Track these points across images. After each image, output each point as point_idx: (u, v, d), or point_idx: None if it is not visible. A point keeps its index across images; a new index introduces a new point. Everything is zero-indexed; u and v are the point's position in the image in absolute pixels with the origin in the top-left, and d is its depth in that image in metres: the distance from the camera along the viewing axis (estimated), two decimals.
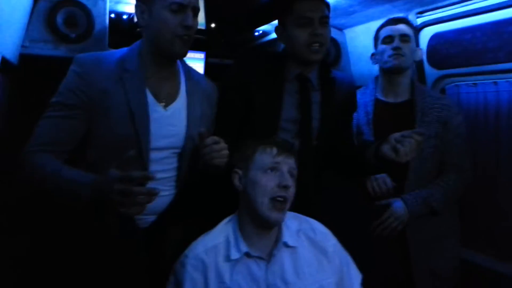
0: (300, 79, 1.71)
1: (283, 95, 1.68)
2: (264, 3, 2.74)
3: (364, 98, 2.08)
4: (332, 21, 2.96)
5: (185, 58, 1.56)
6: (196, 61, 3.75)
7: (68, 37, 2.58)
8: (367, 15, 2.57)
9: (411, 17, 2.53)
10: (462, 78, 2.50)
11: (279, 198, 1.30)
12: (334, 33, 3.04)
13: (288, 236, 1.37)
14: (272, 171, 1.33)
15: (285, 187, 1.30)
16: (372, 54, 2.10)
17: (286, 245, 1.36)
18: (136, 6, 1.44)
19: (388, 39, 1.95)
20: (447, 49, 2.45)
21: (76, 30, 2.59)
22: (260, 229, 1.35)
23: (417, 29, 2.54)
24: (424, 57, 2.58)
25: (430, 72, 2.61)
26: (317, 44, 1.61)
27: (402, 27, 1.97)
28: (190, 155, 1.50)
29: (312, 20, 1.60)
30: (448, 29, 2.42)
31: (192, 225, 1.55)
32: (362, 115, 2.03)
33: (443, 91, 2.61)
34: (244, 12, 3.06)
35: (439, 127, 1.92)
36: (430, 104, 1.94)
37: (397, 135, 1.54)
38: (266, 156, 1.34)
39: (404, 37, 1.95)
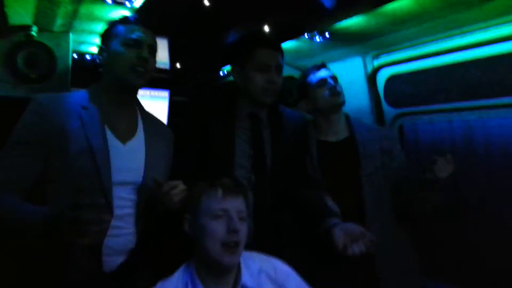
0: (252, 117, 1.80)
1: (236, 132, 1.76)
2: (228, 45, 2.82)
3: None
4: (295, 62, 3.11)
5: (150, 96, 1.59)
6: (160, 99, 3.75)
7: (29, 78, 2.54)
8: (327, 57, 2.69)
9: (368, 59, 2.67)
10: (419, 116, 2.63)
11: (231, 244, 1.28)
12: (296, 73, 3.15)
13: (248, 277, 1.34)
14: (219, 218, 1.30)
15: (235, 232, 1.28)
16: (301, 104, 2.12)
17: (245, 287, 1.33)
18: (99, 47, 1.52)
19: (321, 82, 1.99)
20: (403, 89, 2.58)
21: (37, 70, 2.55)
22: (216, 273, 1.32)
23: (374, 71, 2.69)
24: (382, 97, 2.72)
25: (388, 110, 2.74)
26: (272, 89, 1.73)
27: (326, 70, 2.04)
28: (148, 191, 1.49)
29: (269, 67, 1.72)
30: (403, 70, 2.56)
31: (161, 269, 1.50)
32: (306, 158, 2.03)
33: (401, 128, 2.73)
34: (208, 53, 3.12)
35: (383, 157, 1.95)
36: (370, 138, 1.98)
37: (357, 231, 1.59)
38: (212, 201, 1.32)
39: (332, 77, 2.01)
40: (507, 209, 2.14)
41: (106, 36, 1.51)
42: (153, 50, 1.52)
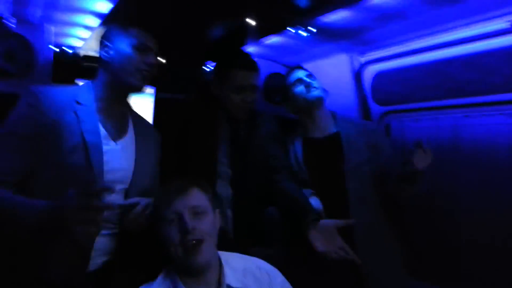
0: (230, 121, 1.93)
1: (219, 133, 1.90)
2: (213, 41, 2.78)
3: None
4: (281, 59, 3.08)
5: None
6: (146, 96, 3.70)
7: (8, 72, 2.47)
8: (313, 54, 2.66)
9: (354, 56, 2.64)
10: (405, 114, 2.61)
11: (189, 244, 1.25)
12: (282, 70, 3.12)
13: (232, 277, 1.32)
14: (172, 222, 1.28)
15: (188, 232, 1.26)
16: (285, 107, 2.19)
17: (229, 287, 1.31)
18: (103, 45, 1.53)
19: (297, 81, 2.07)
20: (390, 87, 2.56)
21: (16, 64, 2.49)
22: (193, 275, 1.30)
23: (361, 68, 2.66)
24: (369, 94, 2.69)
25: (375, 108, 2.71)
26: (246, 107, 1.88)
27: (301, 70, 2.12)
28: (135, 193, 1.49)
29: (244, 88, 1.84)
30: (390, 68, 2.54)
31: (143, 270, 1.48)
32: (291, 155, 2.07)
33: (388, 126, 2.71)
34: (194, 48, 3.09)
35: (370, 151, 1.97)
36: (355, 133, 2.00)
37: (331, 227, 1.69)
38: (163, 207, 1.31)
39: (310, 77, 2.07)
40: (494, 208, 2.13)
41: (113, 36, 1.52)
42: (157, 56, 1.58)
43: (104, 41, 1.54)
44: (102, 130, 1.46)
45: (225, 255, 1.37)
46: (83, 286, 1.40)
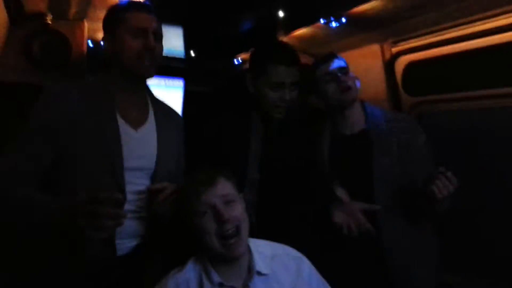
0: (264, 122, 1.80)
1: (251, 134, 1.78)
2: (243, 33, 2.79)
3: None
4: (310, 49, 3.06)
5: (165, 86, 1.58)
6: (175, 88, 3.74)
7: (45, 65, 2.56)
8: (343, 45, 2.64)
9: (385, 46, 2.61)
10: (437, 105, 2.56)
11: (227, 234, 1.25)
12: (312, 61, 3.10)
13: (260, 263, 1.33)
14: (208, 213, 1.29)
15: (225, 222, 1.26)
16: (312, 99, 2.02)
17: (259, 273, 1.32)
18: (103, 39, 1.49)
19: (330, 76, 1.84)
20: (422, 77, 2.52)
21: (53, 58, 2.57)
22: (227, 262, 1.31)
23: (392, 58, 2.62)
24: (400, 85, 2.65)
25: (406, 98, 2.67)
26: (283, 106, 1.71)
27: (337, 62, 1.87)
28: (162, 178, 1.51)
29: (283, 85, 1.68)
30: (422, 57, 2.49)
31: (171, 257, 1.51)
32: (317, 152, 1.96)
33: (419, 117, 2.67)
34: (223, 40, 3.10)
35: (401, 151, 1.83)
36: (387, 131, 1.84)
37: (355, 209, 1.64)
38: (193, 200, 1.31)
39: (342, 69, 1.85)
40: None
41: (110, 23, 1.47)
42: (159, 36, 1.49)
43: (104, 32, 1.49)
44: (120, 120, 1.46)
45: (253, 242, 1.38)
46: (113, 270, 1.42)
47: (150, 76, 1.52)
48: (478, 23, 2.08)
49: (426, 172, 1.76)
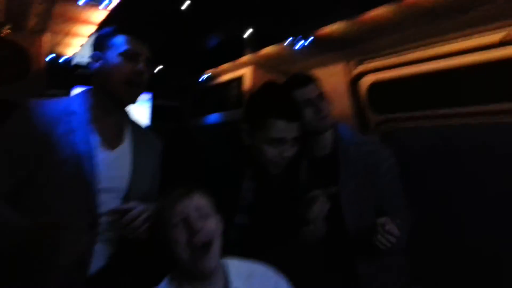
0: (257, 178, 1.67)
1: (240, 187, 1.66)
2: (210, 49, 2.78)
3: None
4: (278, 67, 3.08)
5: None
6: (142, 102, 3.69)
7: (1, 78, 2.47)
8: (309, 63, 2.66)
9: (351, 65, 2.65)
10: (402, 123, 2.60)
11: (198, 246, 1.22)
12: (279, 78, 3.12)
13: (238, 281, 1.30)
14: (180, 224, 1.26)
15: (196, 233, 1.23)
16: None
17: None
18: (92, 55, 1.47)
19: (307, 102, 1.76)
20: (386, 95, 2.56)
21: (10, 70, 2.49)
22: (200, 280, 1.27)
23: (357, 77, 2.66)
24: (365, 103, 2.69)
25: (371, 117, 2.71)
26: (284, 162, 1.57)
27: (312, 86, 1.80)
28: (134, 199, 1.46)
29: (284, 141, 1.52)
30: (387, 77, 2.53)
31: (142, 276, 1.47)
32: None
33: (384, 134, 2.71)
34: (191, 57, 3.09)
35: (368, 175, 1.83)
36: (355, 154, 1.85)
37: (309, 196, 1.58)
38: (167, 211, 1.28)
39: (320, 96, 1.80)
40: (494, 216, 2.12)
41: (101, 44, 1.46)
42: (149, 62, 1.48)
43: (92, 49, 1.47)
44: (97, 139, 1.43)
45: (229, 260, 1.35)
46: None
47: (133, 103, 1.49)
48: (437, 45, 2.14)
49: (394, 193, 1.81)
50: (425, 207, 2.39)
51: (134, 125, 1.60)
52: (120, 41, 1.43)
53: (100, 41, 1.47)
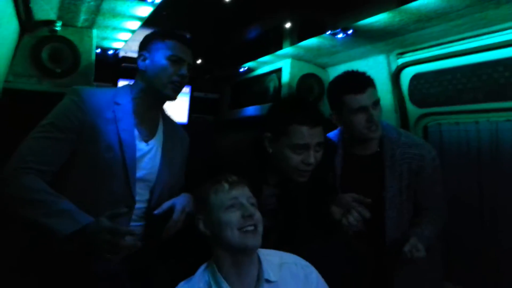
0: (280, 187, 1.68)
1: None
2: (249, 42, 2.80)
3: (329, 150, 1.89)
4: (316, 59, 3.07)
5: None
6: (181, 95, 3.77)
7: (53, 72, 2.59)
8: (349, 55, 2.64)
9: (392, 57, 2.61)
10: (443, 117, 2.56)
11: (249, 228, 1.30)
12: (317, 71, 3.11)
13: (269, 271, 1.36)
14: (232, 207, 1.33)
15: (250, 217, 1.31)
16: (331, 115, 1.88)
17: (268, 281, 1.34)
18: (140, 54, 1.61)
19: (361, 109, 1.74)
20: (428, 89, 2.51)
21: (61, 65, 2.60)
22: (239, 265, 1.33)
23: (398, 69, 2.62)
24: (407, 96, 2.64)
25: (412, 110, 2.67)
26: (308, 170, 1.55)
27: (370, 92, 1.76)
28: (161, 190, 1.59)
29: (308, 147, 1.51)
30: (428, 70, 2.49)
31: (177, 268, 1.53)
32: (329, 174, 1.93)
33: (425, 128, 2.66)
34: (229, 50, 3.12)
35: (411, 177, 1.81)
36: (400, 155, 1.82)
37: (349, 199, 1.59)
38: (220, 195, 1.35)
39: (376, 103, 1.77)
40: None
41: (150, 45, 1.59)
42: (190, 68, 1.61)
43: (141, 49, 1.61)
44: (135, 130, 1.55)
45: (262, 251, 1.40)
46: (124, 278, 1.50)
47: (173, 100, 1.61)
48: (484, 37, 2.08)
49: (433, 195, 1.82)
50: (463, 203, 2.35)
51: (166, 120, 1.71)
52: (168, 46, 1.56)
53: (149, 42, 1.60)
